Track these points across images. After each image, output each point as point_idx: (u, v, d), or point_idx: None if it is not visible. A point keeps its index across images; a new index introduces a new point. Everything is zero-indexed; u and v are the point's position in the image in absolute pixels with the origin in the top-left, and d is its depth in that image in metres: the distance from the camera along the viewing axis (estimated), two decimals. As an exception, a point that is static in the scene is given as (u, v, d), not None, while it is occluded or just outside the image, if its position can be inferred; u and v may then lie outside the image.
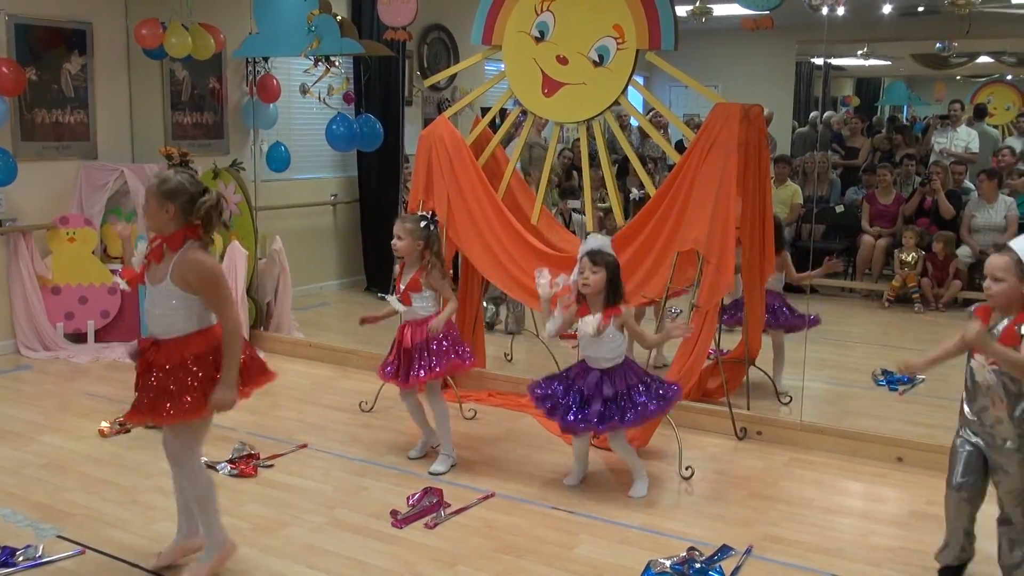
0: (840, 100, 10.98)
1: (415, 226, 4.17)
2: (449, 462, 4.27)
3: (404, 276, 4.24)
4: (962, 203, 8.17)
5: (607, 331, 3.83)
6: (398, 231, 4.20)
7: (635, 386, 3.88)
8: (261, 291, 6.59)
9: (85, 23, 6.40)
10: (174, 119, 6.95)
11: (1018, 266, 2.90)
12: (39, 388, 5.45)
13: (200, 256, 3.02)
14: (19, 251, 6.05)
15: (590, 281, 3.83)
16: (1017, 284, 2.90)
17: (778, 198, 7.83)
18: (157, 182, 3.03)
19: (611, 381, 3.86)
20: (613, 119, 5.01)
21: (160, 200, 3.00)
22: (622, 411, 3.83)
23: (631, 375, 3.91)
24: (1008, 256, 2.92)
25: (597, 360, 3.90)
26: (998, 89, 9.64)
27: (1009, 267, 2.91)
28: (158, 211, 3.02)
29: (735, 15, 4.54)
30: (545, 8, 4.89)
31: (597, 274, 3.82)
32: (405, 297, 4.20)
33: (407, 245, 4.18)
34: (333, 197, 8.32)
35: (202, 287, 3.01)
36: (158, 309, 3.06)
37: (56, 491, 3.93)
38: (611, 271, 3.85)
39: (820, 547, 3.54)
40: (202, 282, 3.00)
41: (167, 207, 3.01)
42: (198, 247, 3.03)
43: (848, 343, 6.75)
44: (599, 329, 3.80)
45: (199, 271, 3.00)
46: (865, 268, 8.42)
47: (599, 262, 3.83)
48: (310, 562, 3.35)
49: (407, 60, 8.21)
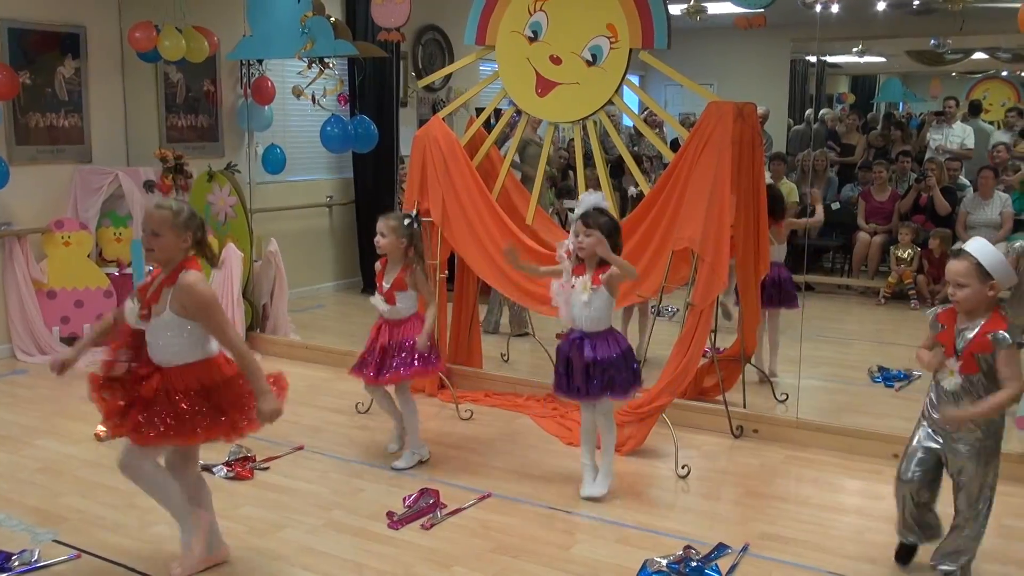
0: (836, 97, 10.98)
1: (399, 223, 4.16)
2: (415, 458, 4.27)
3: (387, 275, 4.21)
4: (957, 199, 8.18)
5: (596, 294, 3.78)
6: (382, 228, 4.18)
7: (612, 360, 3.79)
8: (257, 293, 6.58)
9: (79, 27, 6.40)
10: (169, 122, 6.95)
11: (978, 270, 2.93)
12: (35, 392, 5.45)
13: (196, 282, 2.99)
14: (14, 255, 6.04)
15: (584, 244, 3.76)
16: (980, 287, 2.93)
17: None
18: (171, 214, 3.00)
19: (592, 345, 3.80)
20: (607, 118, 5.01)
21: (179, 231, 3.00)
22: (603, 383, 3.77)
23: (613, 346, 3.83)
24: (967, 261, 2.95)
25: (579, 320, 3.84)
26: (993, 85, 9.63)
27: (970, 272, 2.94)
28: (176, 242, 3.01)
29: (729, 13, 4.55)
30: (538, 8, 4.89)
31: (591, 236, 3.74)
32: (390, 296, 4.18)
33: (391, 242, 4.16)
34: (329, 199, 8.32)
35: (199, 313, 2.99)
36: (160, 340, 3.05)
37: (52, 495, 3.93)
38: (605, 231, 3.74)
39: (817, 544, 3.54)
40: (199, 308, 2.99)
41: (185, 237, 3.01)
42: (193, 273, 3.02)
43: (844, 340, 6.75)
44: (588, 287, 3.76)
45: (195, 298, 2.98)
46: (861, 265, 8.43)
47: (592, 224, 3.74)
48: (306, 564, 3.35)
49: (401, 61, 8.21)
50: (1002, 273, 2.95)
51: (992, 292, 2.95)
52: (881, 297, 7.93)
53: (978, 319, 2.97)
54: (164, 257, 3.04)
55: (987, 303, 2.96)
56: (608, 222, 3.78)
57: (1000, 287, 2.96)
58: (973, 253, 2.96)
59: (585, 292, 3.78)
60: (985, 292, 2.94)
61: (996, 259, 2.94)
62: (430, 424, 4.84)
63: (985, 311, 2.97)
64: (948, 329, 3.04)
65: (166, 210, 3.02)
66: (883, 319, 7.68)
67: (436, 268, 5.23)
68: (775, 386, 5.31)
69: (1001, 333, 2.92)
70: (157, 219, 3.01)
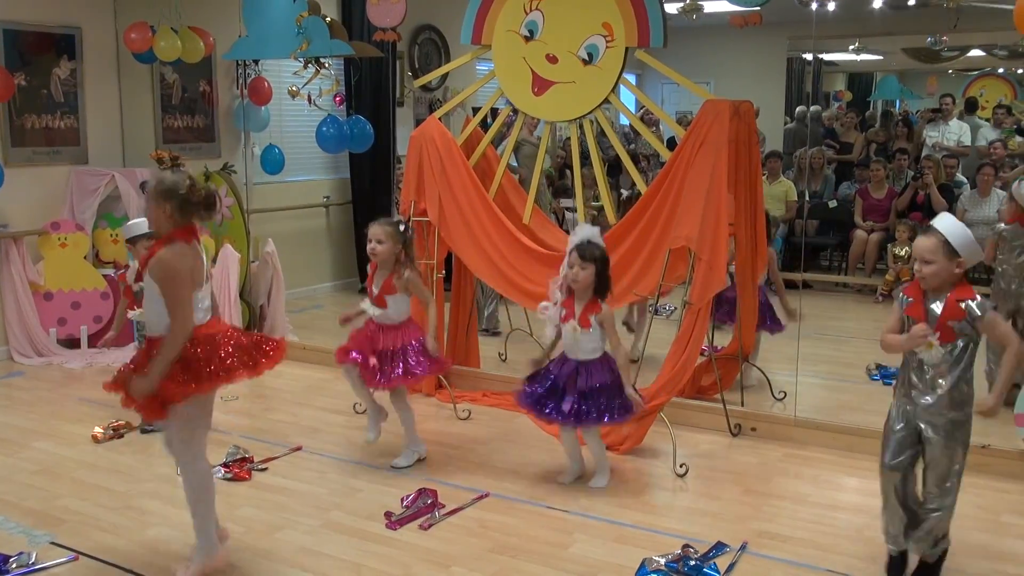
0: (832, 95, 10.98)
1: (395, 229, 4.12)
2: (414, 456, 4.27)
3: (376, 279, 4.18)
4: (954, 197, 8.18)
5: (591, 325, 3.86)
6: (379, 235, 4.10)
7: (607, 386, 3.88)
8: (254, 294, 6.58)
9: (74, 28, 6.39)
10: (165, 123, 6.94)
11: (946, 246, 2.95)
12: (32, 394, 5.44)
13: (167, 255, 3.03)
14: (10, 257, 6.04)
15: (579, 278, 3.83)
16: (947, 264, 2.96)
17: (772, 194, 7.83)
18: (152, 183, 3.11)
19: (587, 374, 3.87)
20: (604, 117, 5.01)
21: (157, 200, 3.06)
22: (598, 409, 3.84)
23: (606, 373, 3.90)
24: (935, 237, 2.98)
25: (575, 351, 3.92)
26: (990, 82, 9.64)
27: (937, 248, 2.97)
28: (156, 210, 3.08)
29: (726, 12, 4.54)
30: (534, 7, 4.89)
31: (586, 270, 3.82)
32: (380, 300, 4.15)
33: (388, 249, 4.10)
34: (325, 199, 8.31)
35: (161, 285, 3.02)
36: (147, 309, 3.15)
37: (49, 497, 3.92)
38: (599, 266, 3.84)
39: (815, 542, 3.54)
40: (161, 278, 3.02)
41: (164, 207, 3.06)
42: (176, 248, 3.04)
43: (842, 338, 6.75)
44: (577, 330, 3.85)
45: (160, 267, 3.03)
46: (858, 263, 8.43)
47: (588, 257, 3.82)
48: (305, 565, 3.35)
49: (398, 61, 8.20)
50: (969, 250, 2.98)
51: (959, 269, 2.98)
52: (878, 295, 7.93)
53: (945, 294, 3.00)
54: (154, 226, 3.17)
55: (953, 279, 2.99)
56: (602, 254, 3.87)
57: (966, 264, 2.99)
58: (941, 230, 2.98)
59: (575, 332, 3.86)
60: (951, 269, 2.97)
61: (964, 236, 2.97)
62: (428, 424, 4.84)
63: (950, 287, 3.00)
64: (917, 302, 3.06)
65: (152, 180, 3.14)
66: (881, 317, 7.64)
67: (433, 268, 5.23)
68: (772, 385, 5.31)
69: (972, 304, 2.95)
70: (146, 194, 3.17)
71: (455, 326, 5.56)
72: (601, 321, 3.87)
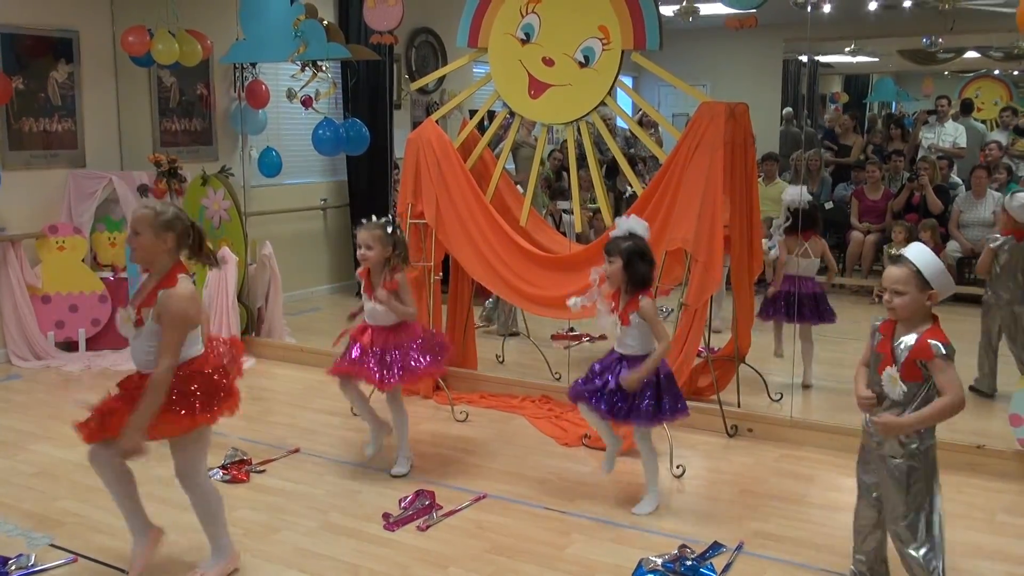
0: (829, 97, 11.00)
1: (383, 232, 4.02)
2: (408, 462, 4.26)
3: (373, 281, 4.10)
4: (950, 198, 8.21)
5: (632, 322, 3.70)
6: (367, 241, 4.01)
7: (649, 389, 3.70)
8: (252, 296, 6.58)
9: (72, 31, 6.40)
10: (162, 126, 6.96)
11: (917, 277, 2.79)
12: (30, 397, 5.45)
13: (175, 298, 2.94)
14: (8, 260, 6.04)
15: (608, 273, 3.73)
16: (918, 295, 2.79)
17: (768, 196, 7.84)
18: (152, 214, 3.00)
19: (628, 368, 3.71)
20: (600, 120, 5.03)
21: (159, 231, 2.98)
22: (629, 408, 3.67)
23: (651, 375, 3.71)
24: (906, 267, 2.81)
25: (621, 344, 3.78)
26: (986, 84, 9.65)
27: (909, 279, 2.80)
28: (155, 242, 2.99)
29: (721, 14, 4.56)
30: (530, 10, 4.91)
31: (613, 264, 3.69)
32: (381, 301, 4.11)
33: (378, 254, 4.03)
34: (323, 201, 8.33)
35: (164, 323, 2.95)
36: (143, 347, 3.02)
37: (48, 499, 3.93)
38: (625, 257, 3.67)
39: (811, 543, 3.56)
40: (164, 323, 2.95)
41: (165, 238, 2.99)
42: (185, 285, 2.99)
43: (838, 339, 6.75)
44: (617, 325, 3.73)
45: (166, 313, 2.94)
46: (855, 264, 8.45)
47: (612, 251, 3.70)
48: (303, 566, 3.36)
49: (395, 64, 8.22)
50: (941, 281, 2.81)
51: (930, 302, 2.81)
52: (875, 296, 7.94)
53: (917, 327, 2.83)
54: (145, 257, 3.03)
55: (924, 312, 2.82)
56: (631, 247, 3.69)
57: (938, 297, 2.82)
58: (912, 259, 2.82)
59: (616, 327, 3.74)
60: (923, 301, 2.80)
61: (936, 267, 2.81)
62: (426, 426, 4.85)
63: (922, 321, 2.83)
64: (886, 339, 2.89)
65: (148, 210, 3.03)
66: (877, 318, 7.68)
67: (431, 270, 5.24)
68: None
69: (935, 342, 2.77)
70: (137, 218, 3.03)
71: (452, 328, 5.57)
72: (643, 318, 3.69)
